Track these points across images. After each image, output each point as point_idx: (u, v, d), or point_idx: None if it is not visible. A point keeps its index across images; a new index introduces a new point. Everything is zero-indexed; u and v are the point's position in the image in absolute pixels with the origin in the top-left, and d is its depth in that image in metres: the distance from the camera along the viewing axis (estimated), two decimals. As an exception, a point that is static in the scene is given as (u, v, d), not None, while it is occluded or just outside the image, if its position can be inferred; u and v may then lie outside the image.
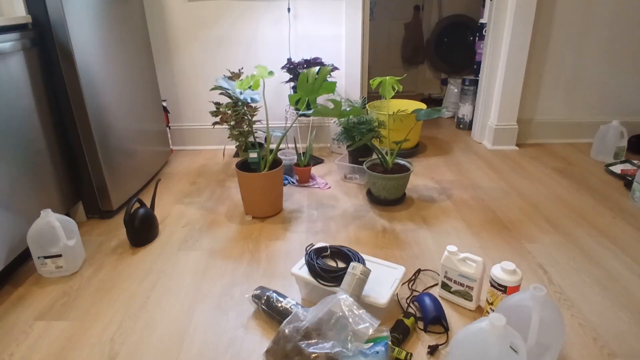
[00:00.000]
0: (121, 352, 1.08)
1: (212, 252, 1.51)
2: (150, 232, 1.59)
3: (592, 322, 1.14)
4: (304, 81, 1.58)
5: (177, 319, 1.19)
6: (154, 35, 2.32)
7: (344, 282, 1.08)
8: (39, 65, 1.48)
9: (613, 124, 2.21)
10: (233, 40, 2.38)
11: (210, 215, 1.77)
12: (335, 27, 2.35)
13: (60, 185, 1.59)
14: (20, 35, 1.39)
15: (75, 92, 1.54)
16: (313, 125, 2.47)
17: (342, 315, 0.96)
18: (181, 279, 1.36)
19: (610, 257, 1.42)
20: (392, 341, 1.02)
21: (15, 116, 1.37)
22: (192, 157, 2.46)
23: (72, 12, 1.49)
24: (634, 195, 1.78)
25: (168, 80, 2.46)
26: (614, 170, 2.08)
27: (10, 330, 1.16)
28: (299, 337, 0.96)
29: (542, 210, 1.75)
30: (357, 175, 2.05)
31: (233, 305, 1.24)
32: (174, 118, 2.55)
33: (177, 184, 2.09)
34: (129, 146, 1.88)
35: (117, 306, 1.25)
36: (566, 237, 1.54)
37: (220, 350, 1.08)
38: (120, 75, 1.84)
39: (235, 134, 1.97)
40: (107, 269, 1.43)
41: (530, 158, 2.33)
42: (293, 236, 1.60)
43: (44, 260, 1.36)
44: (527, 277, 1.33)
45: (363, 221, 1.69)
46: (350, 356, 0.92)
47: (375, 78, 1.75)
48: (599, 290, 1.26)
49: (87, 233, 1.64)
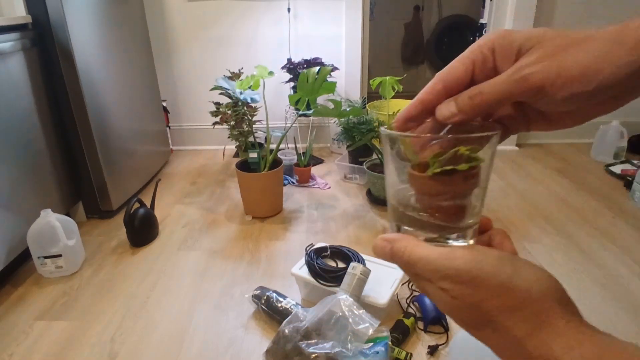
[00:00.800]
0: (121, 352, 1.08)
1: (212, 252, 1.51)
2: (150, 232, 1.59)
3: (592, 322, 1.13)
4: (304, 81, 1.58)
5: (177, 319, 1.19)
6: (154, 35, 2.31)
7: (344, 282, 1.08)
8: (39, 66, 1.48)
9: (613, 124, 2.21)
10: (233, 40, 2.37)
11: (210, 215, 1.77)
12: (335, 27, 2.35)
13: (60, 185, 1.59)
14: (20, 35, 1.38)
15: (75, 92, 1.54)
16: (313, 125, 2.47)
17: (342, 315, 0.96)
18: (181, 279, 1.36)
19: (610, 257, 1.42)
20: (392, 341, 1.02)
21: (15, 116, 1.37)
22: (192, 157, 2.46)
23: (72, 12, 1.49)
24: (634, 195, 1.78)
25: (168, 80, 2.46)
26: (614, 170, 2.08)
27: (10, 330, 1.16)
28: (299, 337, 0.96)
29: (542, 210, 1.75)
30: (357, 175, 2.05)
31: (233, 305, 1.24)
32: (173, 118, 2.55)
33: (177, 184, 2.09)
34: (129, 146, 1.88)
35: (117, 306, 1.25)
36: (566, 237, 1.54)
37: (220, 350, 1.08)
38: (120, 75, 1.84)
39: (235, 134, 1.97)
40: (107, 269, 1.43)
41: (530, 158, 2.33)
42: (293, 236, 1.60)
43: (44, 260, 1.35)
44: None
45: (363, 221, 1.69)
46: (350, 356, 0.92)
47: (375, 78, 1.75)
48: (599, 290, 1.26)
49: (87, 233, 1.64)
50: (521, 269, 0.26)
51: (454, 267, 0.27)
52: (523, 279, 0.26)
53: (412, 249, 0.29)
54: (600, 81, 0.24)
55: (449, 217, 0.30)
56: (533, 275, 0.26)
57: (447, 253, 0.27)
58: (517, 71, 0.26)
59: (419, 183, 0.30)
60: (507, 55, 0.27)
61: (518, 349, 0.26)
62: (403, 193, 0.32)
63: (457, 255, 0.27)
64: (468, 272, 0.26)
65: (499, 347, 0.27)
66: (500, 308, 0.26)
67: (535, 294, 0.26)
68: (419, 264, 0.28)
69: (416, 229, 0.31)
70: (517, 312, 0.25)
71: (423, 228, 0.30)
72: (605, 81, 0.24)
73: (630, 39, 0.24)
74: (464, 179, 0.28)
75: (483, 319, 0.26)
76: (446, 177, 0.28)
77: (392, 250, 0.30)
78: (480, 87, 0.28)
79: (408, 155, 0.30)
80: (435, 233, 0.30)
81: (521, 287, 0.25)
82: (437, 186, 0.29)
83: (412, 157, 0.30)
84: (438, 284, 0.27)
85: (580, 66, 0.25)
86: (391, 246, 0.30)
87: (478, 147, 0.28)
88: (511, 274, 0.26)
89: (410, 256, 0.29)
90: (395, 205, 0.32)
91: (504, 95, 0.27)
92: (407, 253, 0.29)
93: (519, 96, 0.27)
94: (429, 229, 0.30)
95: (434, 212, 0.30)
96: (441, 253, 0.27)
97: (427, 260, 0.28)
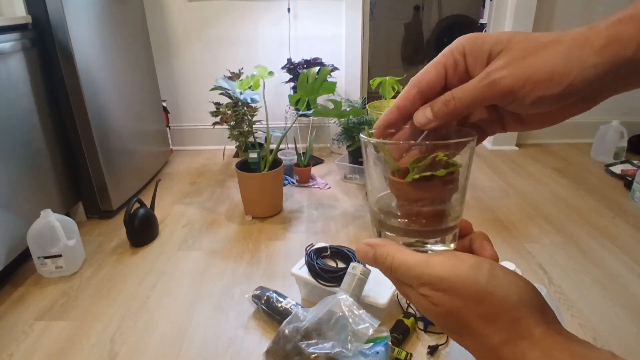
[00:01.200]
0: (121, 352, 1.08)
1: (212, 252, 1.51)
2: (150, 232, 1.59)
3: (592, 322, 1.14)
4: (304, 81, 1.58)
5: (177, 319, 1.19)
6: (154, 35, 2.31)
7: (344, 282, 1.08)
8: (39, 66, 1.48)
9: (613, 124, 2.21)
10: (233, 40, 2.37)
11: (210, 215, 1.77)
12: (335, 27, 2.35)
13: (60, 185, 1.59)
14: (20, 36, 1.38)
15: (75, 92, 1.54)
16: (313, 125, 2.47)
17: (342, 315, 0.96)
18: (181, 279, 1.36)
19: (610, 257, 1.42)
20: (392, 341, 1.02)
21: (15, 116, 1.37)
22: (192, 157, 2.46)
23: (72, 12, 1.49)
24: (634, 195, 1.78)
25: (168, 80, 2.46)
26: (614, 170, 2.08)
27: (10, 330, 1.16)
28: (299, 337, 0.96)
29: (542, 210, 1.75)
30: (357, 175, 2.05)
31: (233, 305, 1.24)
32: (174, 118, 2.55)
33: (177, 184, 2.09)
34: (129, 146, 1.88)
35: (117, 306, 1.25)
36: (566, 237, 1.54)
37: (220, 350, 1.08)
38: (120, 75, 1.84)
39: (235, 134, 1.97)
40: (107, 269, 1.43)
41: (530, 158, 2.33)
42: (293, 236, 1.60)
43: (43, 260, 1.35)
44: (527, 277, 1.31)
45: (363, 221, 1.69)
46: (350, 356, 0.92)
47: (375, 78, 1.75)
48: (599, 290, 1.26)
49: (87, 233, 1.64)
50: (497, 276, 0.26)
51: (433, 275, 0.27)
52: (499, 287, 0.26)
53: (393, 255, 0.29)
54: (569, 84, 0.24)
55: (428, 221, 0.30)
56: (509, 283, 0.26)
57: (426, 260, 0.28)
58: (486, 76, 0.27)
59: (399, 189, 0.30)
60: (478, 59, 0.28)
61: (495, 357, 0.26)
62: (384, 199, 0.32)
63: (435, 262, 0.27)
64: (447, 279, 0.26)
65: (478, 353, 0.27)
66: (478, 316, 0.26)
67: (511, 302, 0.25)
68: (400, 270, 0.29)
69: (397, 235, 0.31)
70: (493, 320, 0.25)
71: (404, 234, 0.31)
72: (573, 83, 0.24)
73: (598, 40, 0.24)
74: (443, 184, 0.29)
75: (462, 325, 0.27)
76: (425, 183, 0.29)
77: (375, 255, 0.30)
78: (453, 92, 0.28)
79: (388, 162, 0.31)
80: (416, 238, 0.31)
81: (497, 294, 0.26)
82: (416, 192, 0.29)
83: (392, 163, 0.30)
84: (418, 290, 0.28)
85: (548, 69, 0.25)
86: (374, 251, 0.30)
87: (455, 152, 0.29)
88: (487, 281, 0.26)
89: (392, 262, 0.29)
90: (377, 211, 0.33)
91: (476, 100, 0.28)
92: (389, 259, 0.29)
93: (490, 100, 0.27)
94: (409, 234, 0.31)
95: (413, 217, 0.31)
96: (420, 260, 0.28)
97: (408, 267, 0.28)
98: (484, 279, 0.26)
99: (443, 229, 0.31)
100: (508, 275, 0.27)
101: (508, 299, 0.25)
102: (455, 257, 0.28)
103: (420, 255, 0.28)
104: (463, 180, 0.30)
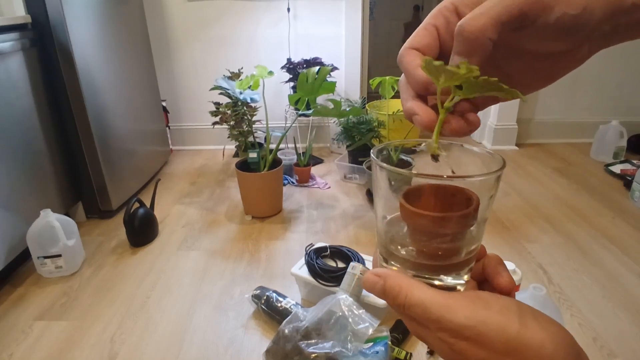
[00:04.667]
0: (121, 352, 1.08)
1: (211, 252, 1.51)
2: (150, 232, 1.59)
3: (592, 322, 1.14)
4: (304, 81, 1.58)
5: (177, 319, 1.19)
6: (154, 35, 2.31)
7: (344, 282, 1.08)
8: (39, 66, 1.48)
9: (612, 124, 2.21)
10: (233, 40, 2.37)
11: (210, 215, 1.77)
12: (335, 27, 2.35)
13: (60, 185, 1.59)
14: (19, 35, 1.38)
15: (75, 92, 1.54)
16: (313, 125, 2.47)
17: (342, 315, 0.96)
18: (181, 279, 1.36)
19: (610, 257, 1.42)
20: (392, 341, 1.02)
21: (15, 116, 1.37)
22: (192, 157, 2.46)
23: (72, 12, 1.49)
24: (634, 195, 1.78)
25: (168, 80, 2.46)
26: (614, 170, 2.08)
27: (10, 330, 1.16)
28: (299, 337, 0.96)
29: (542, 210, 1.75)
30: (357, 175, 2.05)
31: (233, 305, 1.24)
32: (173, 118, 2.55)
33: (176, 184, 2.09)
34: (128, 146, 1.88)
35: (117, 306, 1.24)
36: (566, 237, 1.54)
37: (220, 350, 1.08)
38: (120, 75, 1.84)
39: (235, 134, 1.97)
40: (107, 269, 1.43)
41: (530, 158, 2.33)
42: (293, 236, 1.60)
43: (43, 260, 1.35)
44: (527, 277, 1.33)
45: (363, 221, 1.69)
46: (350, 356, 0.92)
47: (375, 78, 1.75)
48: (599, 290, 1.26)
49: (87, 233, 1.64)
50: (529, 323, 0.24)
51: (456, 322, 0.24)
52: (532, 337, 0.23)
53: (407, 291, 0.26)
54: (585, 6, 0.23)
55: (442, 256, 0.28)
56: (543, 330, 0.24)
57: (446, 303, 0.25)
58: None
59: (411, 217, 0.27)
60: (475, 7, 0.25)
61: None
62: (394, 225, 0.29)
63: (457, 306, 0.25)
64: (472, 328, 0.24)
65: None
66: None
67: (547, 352, 0.23)
68: (414, 310, 0.26)
69: (405, 268, 0.28)
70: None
71: (414, 268, 0.28)
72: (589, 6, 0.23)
73: None
74: (461, 218, 0.26)
75: None
76: (441, 216, 0.26)
77: (384, 288, 0.27)
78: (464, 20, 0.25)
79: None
80: (428, 273, 0.28)
81: (531, 345, 0.23)
82: (431, 224, 0.27)
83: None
84: (437, 335, 0.25)
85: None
86: (383, 283, 0.27)
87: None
88: (518, 330, 0.23)
89: (405, 300, 0.26)
90: (385, 239, 0.30)
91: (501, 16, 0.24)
92: (402, 296, 0.26)
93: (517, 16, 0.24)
94: (420, 269, 0.28)
95: (425, 249, 0.28)
96: (439, 301, 0.25)
97: (424, 307, 0.25)
98: (514, 328, 0.23)
99: (458, 262, 0.28)
100: (540, 322, 0.24)
101: (543, 350, 0.23)
102: (480, 301, 0.25)
103: (438, 295, 0.25)
104: (484, 212, 0.27)
